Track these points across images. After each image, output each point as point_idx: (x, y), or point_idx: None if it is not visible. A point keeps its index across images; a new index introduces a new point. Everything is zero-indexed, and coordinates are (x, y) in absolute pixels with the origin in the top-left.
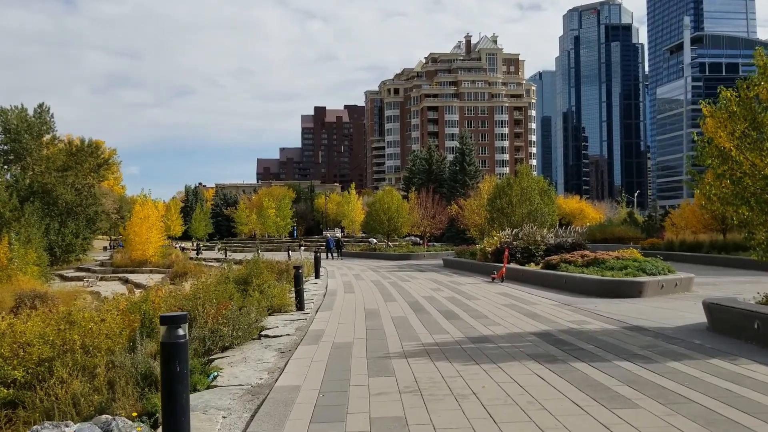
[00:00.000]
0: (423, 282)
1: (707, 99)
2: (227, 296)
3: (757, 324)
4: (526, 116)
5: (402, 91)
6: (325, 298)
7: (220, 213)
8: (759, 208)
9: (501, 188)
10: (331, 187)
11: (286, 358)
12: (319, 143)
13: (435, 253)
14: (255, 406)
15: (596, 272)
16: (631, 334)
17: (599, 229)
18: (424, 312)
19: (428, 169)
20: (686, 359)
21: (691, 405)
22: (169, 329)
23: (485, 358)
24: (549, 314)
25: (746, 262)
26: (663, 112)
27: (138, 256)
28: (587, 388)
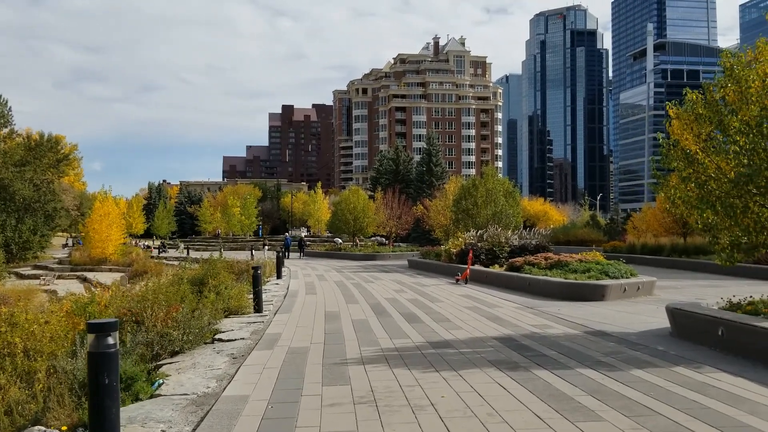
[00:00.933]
0: (387, 283)
1: (673, 101)
2: (179, 298)
3: (721, 330)
4: (493, 119)
5: (370, 91)
6: (285, 299)
7: (184, 211)
8: (724, 213)
9: (466, 189)
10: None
11: (238, 364)
12: (286, 142)
13: (400, 254)
14: (198, 418)
15: (560, 275)
16: (594, 339)
17: (563, 232)
18: (385, 315)
19: (395, 169)
20: (650, 367)
21: (657, 417)
22: (97, 338)
23: (445, 364)
24: (512, 318)
25: (707, 266)
26: (626, 117)
27: (97, 254)
28: (549, 398)
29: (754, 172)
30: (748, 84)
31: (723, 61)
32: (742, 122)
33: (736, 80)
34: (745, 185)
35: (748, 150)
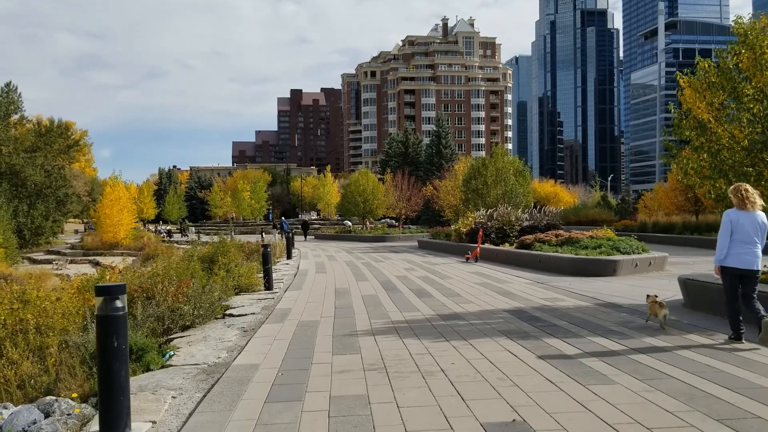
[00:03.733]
0: (397, 262)
1: (685, 70)
2: (189, 274)
3: None
4: (502, 100)
5: (379, 74)
6: (295, 278)
7: (194, 196)
8: (737, 182)
9: (476, 169)
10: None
11: (248, 336)
12: (295, 126)
13: (410, 235)
14: (208, 385)
15: (570, 251)
16: (606, 310)
17: (573, 212)
18: (395, 291)
19: (404, 152)
20: (662, 335)
21: (670, 381)
22: (105, 301)
23: (455, 335)
24: (522, 292)
25: None
26: (637, 98)
27: (109, 239)
28: (561, 364)
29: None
30: (763, 50)
31: (736, 27)
32: (756, 89)
33: (750, 47)
34: (759, 153)
35: (762, 117)
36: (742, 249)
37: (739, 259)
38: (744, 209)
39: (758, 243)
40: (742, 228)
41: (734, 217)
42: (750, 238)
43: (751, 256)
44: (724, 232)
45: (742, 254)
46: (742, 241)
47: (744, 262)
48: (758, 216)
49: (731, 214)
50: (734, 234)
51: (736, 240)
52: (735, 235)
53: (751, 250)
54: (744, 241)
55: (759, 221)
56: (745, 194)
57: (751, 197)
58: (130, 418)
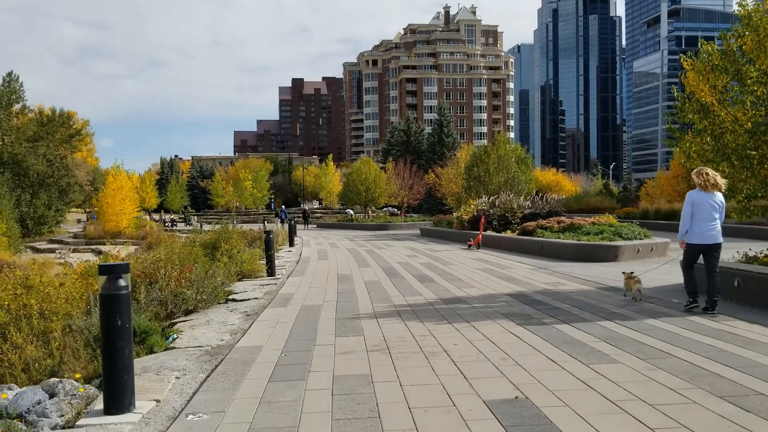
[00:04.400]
0: (399, 249)
1: (688, 52)
2: (192, 259)
3: (737, 281)
4: (504, 88)
5: (380, 62)
6: (297, 264)
7: (196, 185)
8: (740, 165)
9: (478, 156)
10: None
11: (252, 320)
12: (296, 115)
13: (412, 223)
14: (212, 366)
15: (572, 237)
16: (608, 294)
17: (575, 200)
18: (398, 276)
19: (406, 140)
20: (665, 316)
21: (672, 360)
22: (109, 279)
23: (458, 317)
24: (524, 277)
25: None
26: (639, 86)
27: (111, 228)
28: (563, 344)
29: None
30: (767, 32)
31: (740, 9)
32: (760, 72)
33: (754, 28)
34: (763, 135)
35: (766, 99)
36: (704, 226)
37: (702, 236)
38: (705, 191)
39: (717, 220)
40: (703, 207)
41: (696, 197)
42: (710, 216)
43: (713, 232)
44: (686, 211)
45: (704, 231)
46: (703, 219)
47: (706, 239)
48: (717, 196)
49: (693, 195)
50: (695, 213)
51: (697, 218)
52: (696, 214)
53: (712, 226)
54: (705, 219)
55: (718, 201)
56: (707, 177)
57: (712, 180)
58: (134, 396)
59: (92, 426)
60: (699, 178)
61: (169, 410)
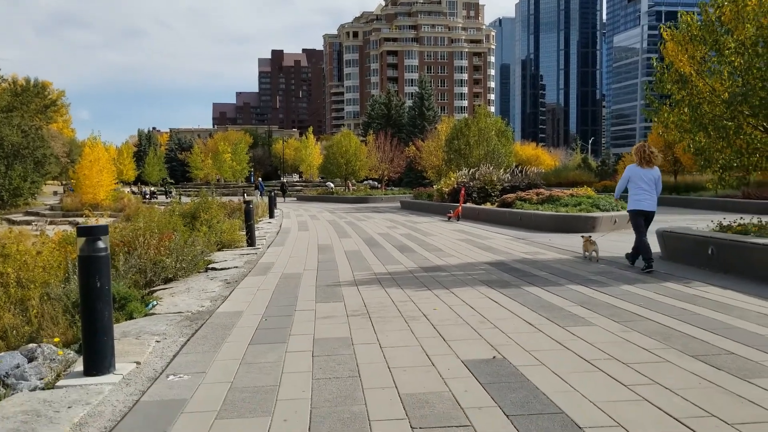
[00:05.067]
0: (379, 221)
1: (668, 23)
2: (171, 228)
3: (711, 249)
4: (486, 62)
5: (361, 34)
6: (278, 235)
7: (174, 158)
8: (717, 135)
9: (459, 129)
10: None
11: (232, 287)
12: (276, 88)
13: (393, 197)
14: (192, 331)
15: (551, 209)
16: (585, 262)
17: (554, 174)
18: (378, 247)
19: (387, 114)
20: (640, 283)
21: (647, 322)
22: (87, 241)
23: (438, 284)
24: (503, 247)
25: (696, 202)
26: (619, 61)
27: (88, 200)
28: (540, 308)
29: (748, 91)
30: (745, 2)
31: None
32: (738, 42)
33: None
34: (739, 105)
35: (743, 70)
36: (639, 195)
37: (638, 203)
38: (641, 166)
39: (653, 192)
40: (639, 179)
41: (634, 171)
42: (645, 187)
43: (649, 201)
44: (622, 180)
45: (641, 200)
46: (639, 189)
47: (642, 206)
48: (654, 171)
49: (632, 169)
50: (632, 183)
51: (635, 189)
52: (633, 184)
53: (647, 195)
54: (641, 189)
55: (655, 176)
56: (643, 153)
57: (647, 157)
58: (114, 358)
59: (72, 387)
60: (637, 154)
61: (150, 372)
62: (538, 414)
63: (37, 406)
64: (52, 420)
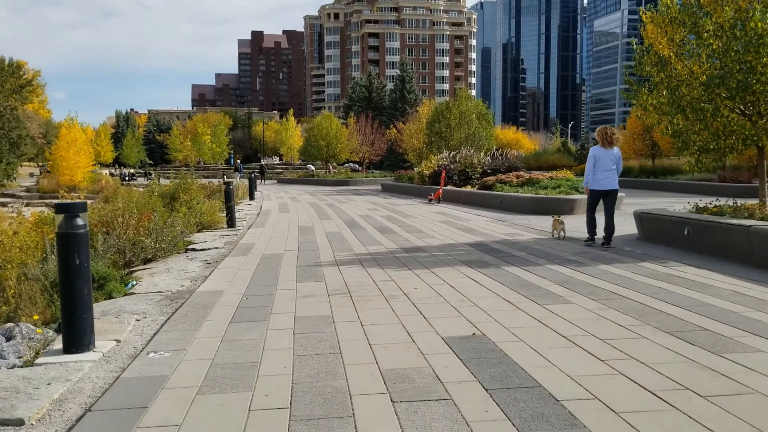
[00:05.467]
0: (360, 204)
1: (648, 6)
2: (150, 208)
3: (688, 230)
4: (467, 45)
5: (342, 16)
6: (258, 216)
7: (153, 140)
8: (694, 117)
9: (440, 112)
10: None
11: (212, 268)
12: (256, 70)
13: (374, 179)
14: (172, 309)
15: (530, 191)
16: (563, 243)
17: (534, 158)
18: (359, 228)
19: (368, 96)
20: (617, 263)
21: (623, 300)
22: (66, 218)
23: (418, 264)
24: (483, 228)
25: (673, 185)
26: (599, 45)
27: (66, 182)
28: (519, 287)
29: (725, 74)
30: None
31: None
32: (716, 25)
33: None
34: (717, 88)
35: (721, 53)
36: (603, 175)
37: (601, 183)
38: (604, 147)
39: (614, 170)
40: (602, 160)
41: (597, 152)
42: (609, 167)
43: (610, 180)
44: (589, 163)
45: (603, 179)
46: (603, 169)
47: (604, 185)
48: (615, 151)
49: (595, 150)
50: (597, 164)
51: (598, 169)
52: (597, 166)
53: (610, 175)
54: (604, 169)
55: (615, 155)
56: (605, 136)
57: (609, 138)
58: (94, 336)
59: (51, 364)
60: (599, 136)
61: (130, 349)
62: (517, 388)
63: (16, 383)
64: (31, 396)
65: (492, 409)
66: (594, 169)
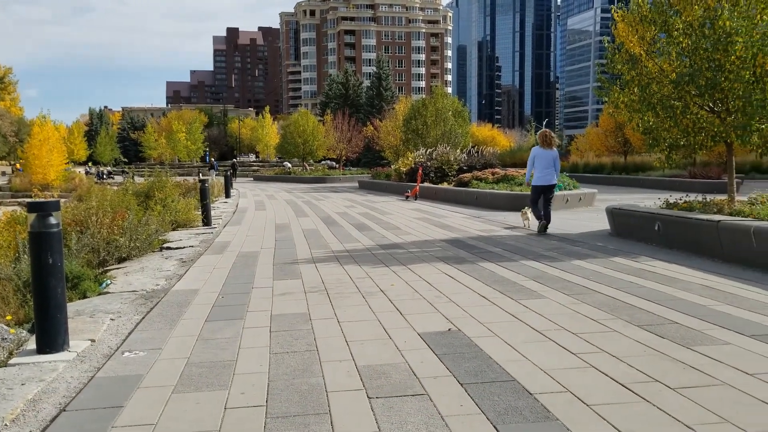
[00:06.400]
0: (337, 201)
1: (619, 4)
2: (125, 207)
3: (658, 225)
4: (443, 43)
5: (318, 13)
6: (234, 214)
7: (127, 137)
8: (664, 114)
9: (416, 109)
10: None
11: (187, 266)
12: (232, 66)
13: (351, 176)
14: (147, 309)
15: (506, 188)
16: (538, 239)
17: (509, 155)
18: (336, 225)
19: (345, 93)
20: (590, 258)
21: (596, 294)
22: (38, 217)
23: (395, 261)
24: (460, 225)
25: (645, 182)
26: (572, 43)
27: (39, 180)
28: (494, 283)
29: (695, 72)
30: None
31: None
32: (686, 24)
33: None
34: (686, 86)
35: (690, 51)
36: (543, 173)
37: (541, 179)
38: (544, 148)
39: (553, 168)
40: (541, 159)
41: (537, 152)
42: (548, 165)
43: (549, 177)
44: (530, 162)
45: (543, 176)
46: (542, 167)
47: (544, 181)
48: (552, 152)
49: (535, 150)
50: (537, 163)
51: (538, 167)
52: (538, 164)
53: (548, 172)
54: (544, 167)
55: (553, 155)
56: (545, 138)
57: (548, 140)
58: (68, 336)
59: (25, 364)
60: (540, 138)
61: (105, 349)
62: (491, 382)
63: None
64: (5, 397)
65: (467, 404)
66: (534, 167)
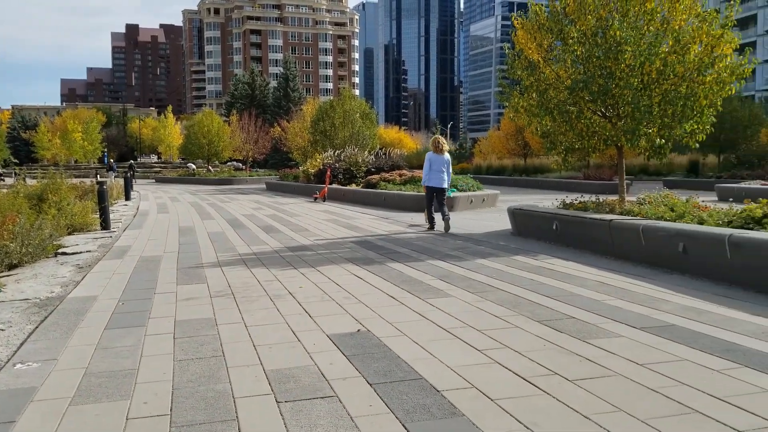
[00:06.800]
0: (244, 203)
1: (519, 12)
2: (15, 210)
3: (556, 225)
4: (350, 45)
5: (223, 11)
6: (135, 218)
7: (17, 137)
8: (561, 119)
9: (324, 110)
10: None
11: (85, 272)
12: (132, 64)
13: (258, 178)
14: (41, 318)
15: (413, 189)
16: (443, 239)
17: (416, 157)
18: (243, 228)
19: (251, 93)
20: (493, 257)
21: (498, 292)
22: None
23: (303, 263)
24: (368, 226)
25: (544, 183)
26: (475, 49)
27: None
28: (402, 283)
29: (588, 79)
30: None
31: None
32: (580, 32)
33: None
34: (580, 92)
35: (584, 59)
36: (436, 176)
37: (434, 182)
38: (436, 153)
39: (445, 172)
40: (435, 163)
41: (431, 156)
42: (440, 169)
43: (440, 180)
44: (426, 166)
45: (436, 179)
46: (436, 170)
47: (437, 183)
48: (445, 156)
49: (429, 155)
50: (431, 167)
51: (432, 170)
52: (432, 168)
53: (440, 176)
54: (437, 170)
55: (445, 159)
56: (437, 144)
57: (440, 146)
58: None
59: None
60: (432, 144)
61: None
62: (400, 381)
63: None
64: None
65: (376, 404)
66: (430, 170)
